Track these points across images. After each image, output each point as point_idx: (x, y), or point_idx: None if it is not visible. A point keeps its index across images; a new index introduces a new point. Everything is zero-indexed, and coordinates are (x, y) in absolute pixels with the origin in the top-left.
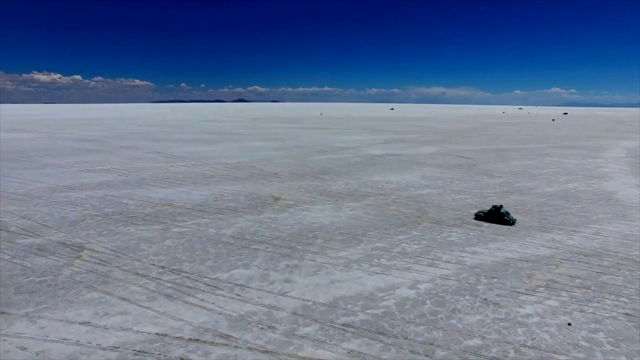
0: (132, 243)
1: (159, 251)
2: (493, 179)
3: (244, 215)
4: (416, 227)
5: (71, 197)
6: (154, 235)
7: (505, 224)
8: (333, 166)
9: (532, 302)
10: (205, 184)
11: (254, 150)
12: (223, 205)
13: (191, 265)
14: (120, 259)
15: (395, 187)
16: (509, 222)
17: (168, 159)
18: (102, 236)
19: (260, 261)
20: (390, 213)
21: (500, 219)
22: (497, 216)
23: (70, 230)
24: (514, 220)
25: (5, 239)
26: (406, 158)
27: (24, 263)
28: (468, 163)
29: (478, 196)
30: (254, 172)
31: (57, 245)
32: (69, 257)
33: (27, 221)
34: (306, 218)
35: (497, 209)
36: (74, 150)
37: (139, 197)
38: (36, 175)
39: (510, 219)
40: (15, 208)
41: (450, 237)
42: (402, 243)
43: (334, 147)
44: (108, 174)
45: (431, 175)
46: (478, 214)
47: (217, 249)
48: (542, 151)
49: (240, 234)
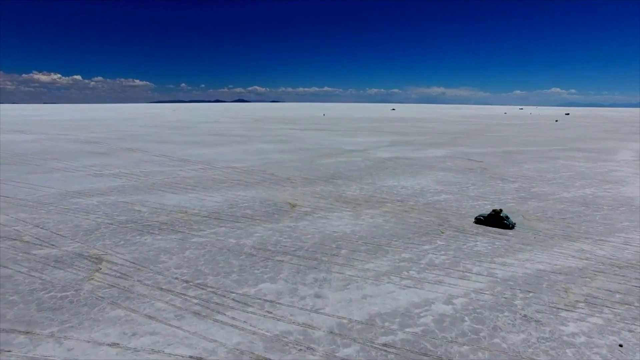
0: (151, 254)
1: (180, 263)
2: (508, 184)
3: (262, 224)
4: (440, 236)
5: (82, 203)
6: (173, 245)
7: (505, 227)
8: (344, 170)
9: (574, 320)
10: (217, 190)
11: (261, 153)
12: (239, 212)
13: (216, 279)
14: (141, 272)
15: (411, 192)
16: (508, 226)
17: (175, 162)
18: (119, 247)
19: (287, 274)
20: (411, 221)
21: (500, 222)
22: (497, 220)
23: (85, 240)
24: (514, 224)
25: (20, 249)
26: (416, 161)
27: (42, 276)
28: (479, 167)
29: (496, 202)
30: (265, 177)
31: (75, 257)
32: (88, 270)
33: (40, 230)
34: (326, 226)
35: (497, 213)
36: (79, 152)
37: (152, 203)
38: (44, 180)
39: (509, 223)
40: (27, 216)
41: (477, 247)
42: (429, 254)
43: (342, 150)
44: (117, 179)
45: (445, 180)
46: (478, 218)
47: (240, 260)
48: (551, 154)
49: (261, 244)
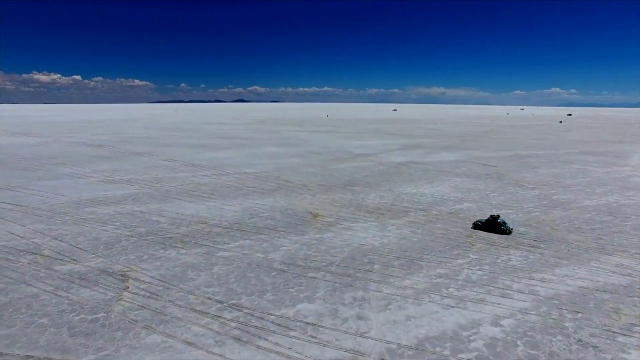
0: (178, 271)
1: (210, 281)
2: (527, 191)
3: (287, 236)
4: (471, 248)
5: (98, 213)
6: (199, 261)
7: (502, 233)
8: (359, 176)
9: (635, 346)
10: (234, 198)
11: (271, 158)
12: (261, 223)
13: (250, 299)
14: (171, 291)
15: (432, 200)
16: (505, 231)
17: (186, 167)
18: (144, 262)
19: (323, 293)
20: (438, 232)
21: (497, 228)
22: (494, 226)
23: (107, 255)
24: (511, 229)
25: (42, 265)
26: (430, 166)
27: (69, 296)
28: (495, 172)
29: (520, 211)
30: (280, 184)
31: (99, 274)
32: (115, 289)
33: (59, 243)
34: (353, 239)
35: (494, 219)
36: (87, 157)
37: (169, 213)
38: (55, 187)
39: (507, 229)
40: (44, 227)
41: (511, 261)
42: (464, 269)
43: (352, 154)
44: (129, 186)
45: (463, 187)
46: (476, 224)
47: (272, 277)
48: (563, 158)
49: (290, 258)
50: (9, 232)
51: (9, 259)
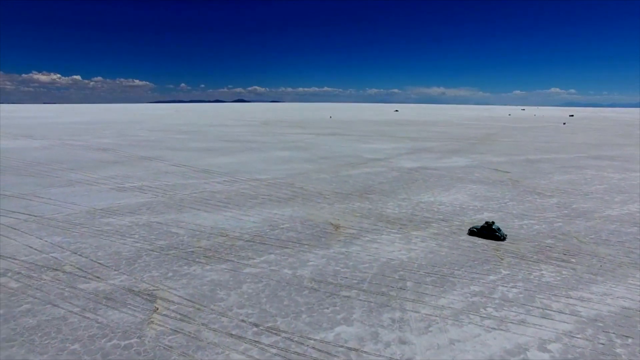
0: (206, 290)
1: (242, 302)
2: (545, 199)
3: (312, 250)
4: (501, 263)
5: (115, 224)
6: (226, 278)
7: (497, 239)
8: (373, 183)
9: None
10: (250, 207)
11: (281, 163)
12: (283, 235)
13: (286, 321)
14: (203, 313)
15: (451, 210)
16: (500, 237)
17: (197, 173)
18: (169, 279)
19: (360, 314)
20: (464, 245)
21: (492, 235)
22: (489, 232)
23: (130, 271)
24: (505, 235)
25: (65, 282)
26: (443, 172)
27: (98, 318)
28: (508, 178)
29: (543, 221)
30: (295, 191)
31: (125, 293)
32: (144, 311)
33: (79, 258)
34: (380, 253)
35: (489, 225)
36: (95, 162)
37: (187, 224)
38: (67, 195)
39: (501, 235)
40: (61, 239)
41: (544, 278)
42: (499, 286)
43: (363, 159)
44: (142, 194)
45: (480, 195)
46: (472, 230)
47: (304, 297)
48: (575, 162)
49: (320, 275)
50: (27, 245)
51: (31, 275)
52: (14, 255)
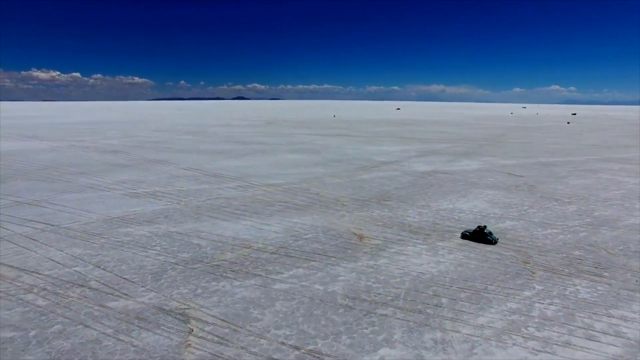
0: (239, 308)
1: (278, 321)
2: (565, 206)
3: (340, 263)
4: (533, 277)
5: (134, 234)
6: (257, 295)
7: (488, 243)
8: (389, 188)
9: None
10: (269, 215)
11: (293, 166)
12: (307, 247)
13: (327, 343)
14: (240, 335)
15: (472, 218)
16: (491, 241)
17: (209, 178)
18: (199, 297)
19: (401, 334)
20: (492, 257)
21: (483, 238)
22: (481, 236)
23: (158, 288)
24: (496, 239)
25: (93, 300)
26: (457, 176)
27: (133, 342)
28: (524, 183)
29: (567, 231)
30: (312, 198)
31: (157, 313)
32: (179, 332)
33: (104, 272)
34: (409, 266)
35: (481, 230)
36: (104, 165)
37: (208, 235)
38: (80, 201)
39: (492, 239)
40: (82, 251)
41: (580, 294)
42: (535, 303)
43: (374, 162)
44: (156, 200)
45: (499, 201)
46: (464, 234)
47: (341, 316)
48: (588, 166)
49: (352, 291)
50: (48, 258)
51: (57, 292)
52: (37, 269)
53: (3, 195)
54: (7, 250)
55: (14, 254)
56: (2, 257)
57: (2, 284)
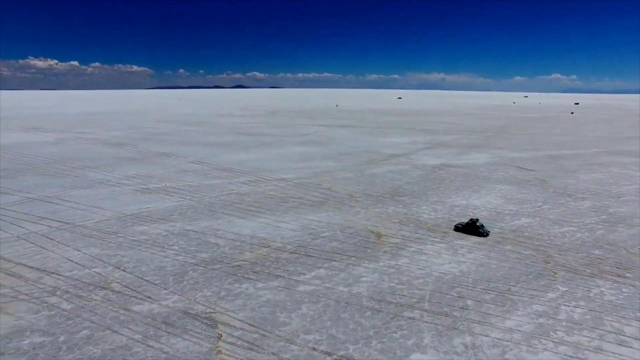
0: (265, 312)
1: (306, 325)
2: (578, 202)
3: (361, 263)
4: (555, 278)
5: (149, 233)
6: (281, 298)
7: (480, 235)
8: (401, 183)
9: None
10: (284, 212)
11: (302, 160)
12: (326, 246)
13: (358, 348)
14: (270, 340)
15: (487, 215)
16: (483, 234)
17: (218, 172)
18: (223, 300)
19: (430, 339)
20: (511, 256)
21: (475, 231)
22: (473, 229)
23: (181, 290)
24: (488, 232)
25: (117, 304)
26: (468, 170)
27: (163, 348)
28: (534, 177)
29: (584, 228)
30: (325, 193)
31: (183, 317)
32: (208, 338)
33: (124, 274)
34: (430, 266)
35: (473, 222)
36: (111, 159)
37: (225, 233)
38: (91, 197)
39: (484, 232)
40: (99, 251)
41: (605, 296)
42: (560, 305)
43: (383, 155)
44: (168, 197)
45: (512, 197)
46: (457, 226)
47: (368, 319)
48: (597, 159)
49: (377, 293)
50: (66, 258)
51: (80, 295)
52: (57, 270)
53: (14, 191)
54: (26, 250)
55: (32, 253)
56: (21, 257)
57: (24, 286)
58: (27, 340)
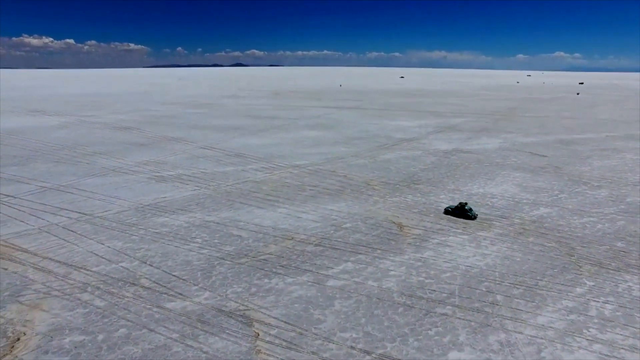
0: (299, 309)
1: (341, 323)
2: (595, 190)
3: (387, 256)
4: (581, 272)
5: (170, 225)
6: (312, 293)
7: (468, 218)
8: (416, 170)
9: None
10: (303, 202)
11: (313, 145)
12: (350, 237)
13: (395, 347)
14: (307, 339)
15: (505, 204)
16: (471, 217)
17: (231, 158)
18: (255, 296)
19: (465, 336)
20: (536, 249)
21: (464, 214)
22: (462, 212)
23: (211, 286)
24: (476, 215)
25: (149, 301)
26: (480, 157)
27: (202, 347)
28: (548, 164)
29: (604, 219)
30: (341, 181)
31: (217, 315)
32: (245, 337)
33: (151, 269)
34: (456, 259)
35: (462, 206)
36: (120, 144)
37: (247, 225)
38: (107, 187)
39: (472, 215)
40: (123, 245)
41: (634, 291)
42: (590, 301)
43: (393, 139)
44: (183, 185)
45: (527, 185)
46: (447, 210)
47: (402, 316)
48: (609, 144)
49: (406, 288)
50: (91, 252)
51: (111, 291)
52: (84, 265)
53: (28, 180)
54: (50, 243)
55: (57, 247)
56: (47, 251)
57: (55, 282)
58: (68, 339)
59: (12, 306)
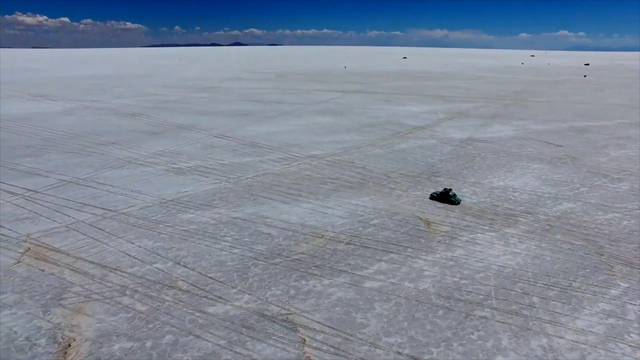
0: (341, 312)
1: (385, 327)
2: (616, 183)
3: (419, 255)
4: (613, 272)
5: (197, 222)
6: (352, 296)
7: (452, 204)
8: (434, 161)
9: None
10: (326, 196)
11: (326, 133)
12: (379, 235)
13: (441, 352)
14: (354, 344)
15: (528, 199)
16: (455, 202)
17: (246, 148)
18: (295, 299)
19: (508, 341)
20: (565, 247)
21: (448, 199)
22: (446, 197)
23: (249, 289)
24: (459, 200)
25: (190, 305)
26: (496, 146)
27: (251, 355)
28: (564, 154)
29: (629, 215)
30: (361, 173)
31: (261, 320)
32: (292, 343)
33: (187, 271)
34: (487, 258)
35: (446, 192)
36: (131, 133)
37: (274, 221)
38: (126, 180)
39: (455, 200)
40: (153, 244)
41: None
42: (627, 304)
43: (406, 126)
44: (203, 178)
45: (547, 177)
46: (432, 195)
47: (442, 319)
48: (623, 132)
49: (443, 289)
50: (123, 252)
51: (150, 295)
52: (118, 266)
53: (46, 172)
54: (80, 242)
55: (88, 246)
56: (79, 251)
57: (93, 284)
58: (117, 346)
59: (57, 310)
